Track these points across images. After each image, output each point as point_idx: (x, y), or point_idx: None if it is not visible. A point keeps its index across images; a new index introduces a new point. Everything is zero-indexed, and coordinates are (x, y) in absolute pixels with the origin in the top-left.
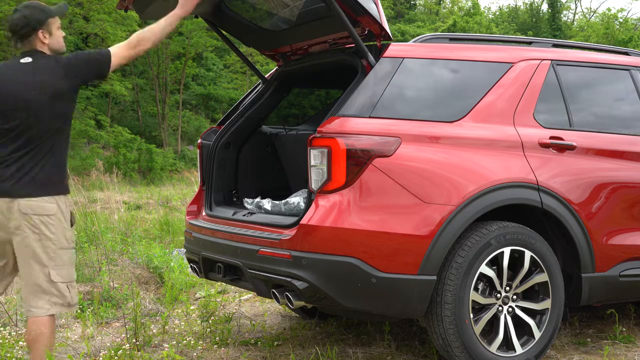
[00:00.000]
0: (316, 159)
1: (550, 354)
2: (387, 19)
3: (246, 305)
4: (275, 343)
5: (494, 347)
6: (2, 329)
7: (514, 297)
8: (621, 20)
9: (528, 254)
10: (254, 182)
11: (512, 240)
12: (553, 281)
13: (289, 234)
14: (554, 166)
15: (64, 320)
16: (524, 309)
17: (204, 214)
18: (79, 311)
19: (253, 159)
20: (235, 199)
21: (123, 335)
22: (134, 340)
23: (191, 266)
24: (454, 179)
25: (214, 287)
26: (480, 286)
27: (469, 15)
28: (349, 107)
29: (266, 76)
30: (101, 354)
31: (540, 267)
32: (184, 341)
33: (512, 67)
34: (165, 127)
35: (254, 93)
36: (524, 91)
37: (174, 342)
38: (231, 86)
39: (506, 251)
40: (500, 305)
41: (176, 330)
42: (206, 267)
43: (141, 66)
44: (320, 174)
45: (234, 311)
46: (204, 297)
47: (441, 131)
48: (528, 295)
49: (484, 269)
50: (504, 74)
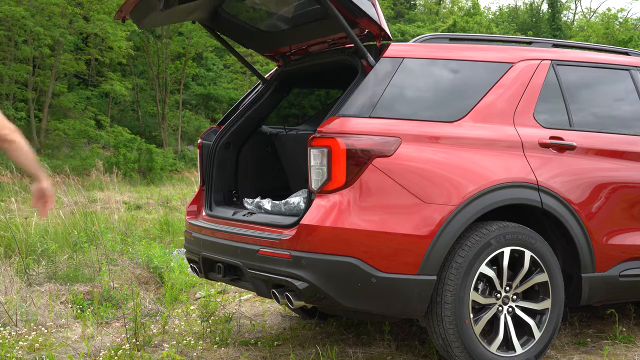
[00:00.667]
0: (316, 158)
1: (550, 354)
2: (387, 19)
3: (246, 305)
4: (275, 343)
5: (494, 347)
6: (2, 329)
7: (514, 297)
8: (621, 20)
9: (528, 254)
10: (254, 182)
11: (512, 240)
12: (553, 281)
13: (289, 234)
14: (554, 166)
15: (64, 320)
16: (524, 309)
17: (204, 214)
18: (79, 311)
19: (253, 159)
20: (235, 199)
21: (123, 335)
22: (134, 340)
23: (191, 266)
24: (454, 179)
25: (214, 287)
26: (480, 286)
27: (469, 15)
28: (349, 107)
29: (266, 76)
30: (101, 354)
31: (540, 267)
32: (184, 341)
33: (512, 67)
34: (165, 127)
35: (254, 93)
36: (524, 91)
37: (174, 342)
38: (231, 86)
39: (506, 251)
40: (500, 305)
41: (176, 330)
42: (206, 267)
43: (141, 66)
44: (320, 173)
45: (234, 311)
46: (204, 297)
47: (441, 131)
48: (528, 295)
49: (484, 269)
50: (504, 74)
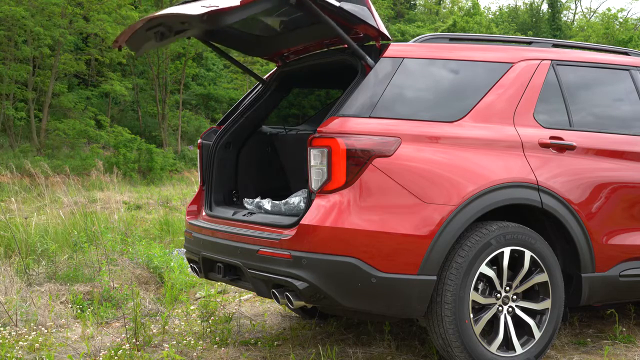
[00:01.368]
0: (316, 158)
1: (550, 354)
2: (387, 19)
3: (246, 305)
4: (275, 343)
5: (494, 347)
6: (2, 329)
7: (514, 297)
8: (621, 20)
9: (528, 254)
10: (254, 182)
11: (512, 240)
12: (553, 281)
13: (289, 234)
14: (554, 166)
15: (64, 320)
16: (524, 309)
17: (204, 214)
18: (79, 311)
19: (253, 159)
20: (235, 199)
21: (123, 335)
22: (134, 340)
23: (191, 266)
24: (454, 179)
25: (214, 287)
26: (480, 286)
27: (469, 15)
28: (349, 107)
29: (266, 76)
30: (101, 354)
31: (540, 267)
32: (184, 341)
33: (512, 67)
34: (165, 127)
35: (254, 93)
36: (524, 91)
37: (174, 342)
38: (231, 86)
39: (506, 251)
40: (500, 305)
41: (176, 330)
42: (206, 267)
43: (141, 66)
44: (320, 173)
45: (234, 311)
46: (204, 297)
47: (441, 131)
48: (528, 295)
49: (484, 269)
50: (504, 74)
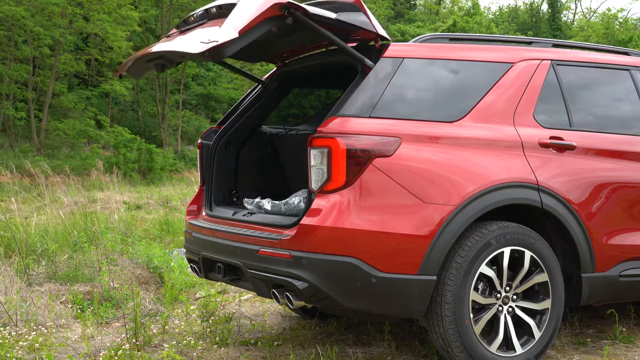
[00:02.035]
0: (316, 158)
1: (550, 354)
2: (387, 19)
3: (246, 305)
4: (275, 343)
5: (494, 347)
6: (2, 329)
7: (514, 297)
8: (621, 20)
9: (528, 254)
10: (254, 182)
11: (512, 240)
12: (553, 281)
13: (289, 234)
14: (554, 166)
15: (64, 320)
16: (524, 309)
17: (204, 214)
18: (79, 311)
19: (253, 159)
20: (235, 199)
21: (123, 335)
22: (134, 340)
23: (191, 266)
24: (454, 179)
25: (214, 287)
26: (480, 286)
27: (469, 15)
28: (349, 107)
29: (266, 76)
30: (101, 354)
31: (540, 267)
32: (184, 341)
33: (512, 67)
34: (165, 127)
35: (253, 93)
36: (524, 91)
37: (174, 342)
38: (231, 86)
39: (506, 251)
40: (500, 305)
41: (176, 330)
42: (206, 267)
43: None
44: (320, 173)
45: (234, 311)
46: (204, 297)
47: (441, 131)
48: (528, 295)
49: (484, 269)
50: (504, 74)
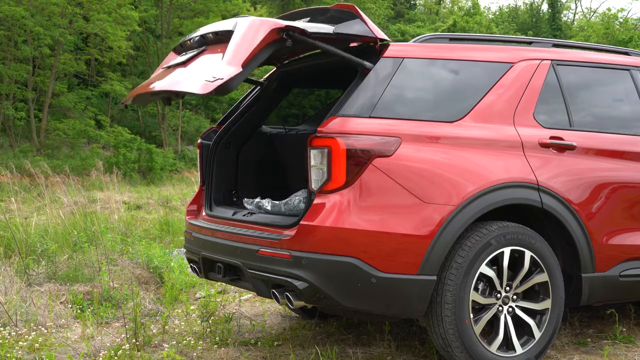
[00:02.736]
0: (316, 158)
1: (550, 354)
2: (386, 19)
3: (246, 305)
4: (275, 343)
5: (494, 347)
6: (2, 329)
7: (514, 297)
8: (621, 20)
9: (528, 254)
10: (254, 182)
11: (512, 240)
12: (553, 281)
13: (289, 234)
14: (554, 166)
15: (64, 320)
16: (524, 309)
17: (203, 214)
18: (79, 311)
19: (253, 159)
20: (235, 199)
21: (123, 335)
22: (134, 340)
23: (191, 266)
24: (454, 179)
25: (214, 287)
26: (480, 286)
27: (469, 15)
28: (349, 107)
29: (266, 76)
30: (101, 354)
31: (540, 267)
32: (184, 341)
33: (512, 67)
34: (165, 127)
35: (254, 93)
36: (524, 91)
37: (174, 342)
38: None
39: (506, 251)
40: (500, 305)
41: (176, 330)
42: (206, 267)
43: (141, 66)
44: (320, 173)
45: (234, 311)
46: (204, 297)
47: (441, 131)
48: (528, 295)
49: (484, 269)
50: (504, 74)
